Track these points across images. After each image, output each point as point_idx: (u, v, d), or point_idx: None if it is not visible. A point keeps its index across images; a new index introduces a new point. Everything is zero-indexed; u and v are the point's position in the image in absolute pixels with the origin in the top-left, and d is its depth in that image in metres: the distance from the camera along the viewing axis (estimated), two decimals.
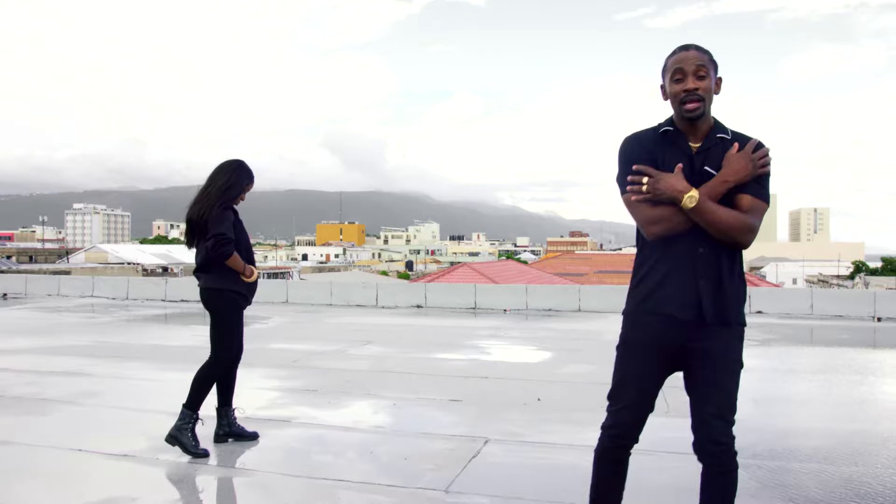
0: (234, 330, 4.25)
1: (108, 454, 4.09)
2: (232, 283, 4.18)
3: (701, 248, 2.35)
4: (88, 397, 5.65)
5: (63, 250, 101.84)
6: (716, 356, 2.36)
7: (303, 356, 7.63)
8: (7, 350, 8.25)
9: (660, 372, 2.48)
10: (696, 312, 2.34)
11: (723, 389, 2.37)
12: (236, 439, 4.32)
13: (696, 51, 2.37)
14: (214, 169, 4.33)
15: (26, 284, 17.34)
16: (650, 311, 2.41)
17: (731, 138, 2.41)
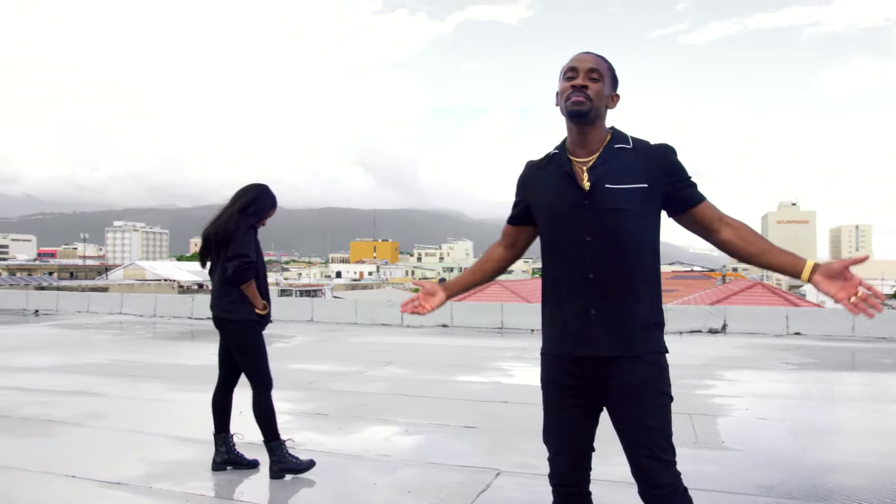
0: (264, 353, 4.08)
1: (101, 481, 3.91)
2: (248, 311, 4.00)
3: (591, 273, 2.13)
4: (94, 419, 5.50)
5: (103, 267, 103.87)
6: (634, 391, 2.12)
7: (319, 377, 7.43)
8: (24, 368, 8.20)
9: (582, 413, 2.23)
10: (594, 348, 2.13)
11: (650, 427, 2.13)
12: (235, 467, 4.11)
13: (595, 56, 2.22)
14: (239, 190, 4.20)
15: (58, 301, 17.49)
16: (548, 350, 2.26)
17: (633, 147, 2.20)
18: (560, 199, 2.18)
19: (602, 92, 2.18)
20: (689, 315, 12.65)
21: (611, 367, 2.12)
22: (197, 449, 4.54)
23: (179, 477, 4.01)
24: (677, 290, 48.72)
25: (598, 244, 2.12)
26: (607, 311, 2.13)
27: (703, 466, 4.30)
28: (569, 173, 2.18)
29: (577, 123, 2.18)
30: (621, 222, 2.12)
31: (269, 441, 3.99)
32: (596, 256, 2.12)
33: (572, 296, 2.17)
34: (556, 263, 2.22)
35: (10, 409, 5.83)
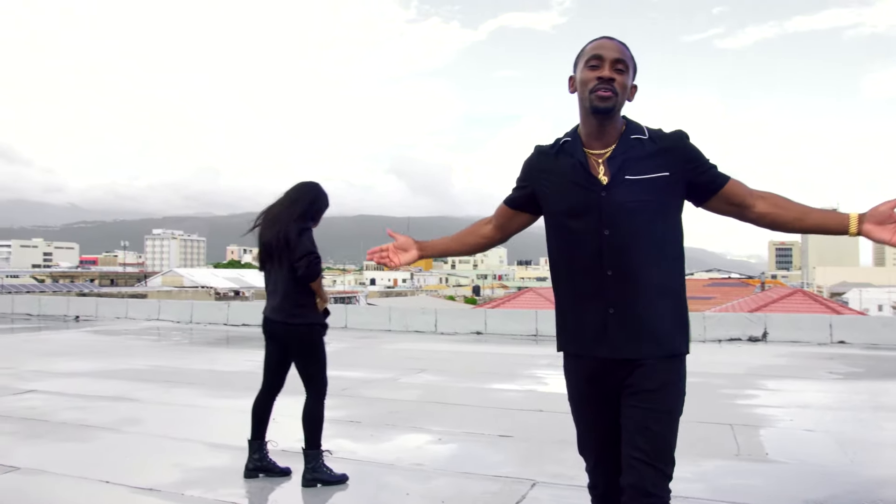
0: (325, 361, 4.05)
1: (134, 487, 3.90)
2: (314, 315, 3.95)
3: (610, 269, 2.04)
4: (129, 424, 5.53)
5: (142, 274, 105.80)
6: (648, 396, 2.04)
7: (353, 384, 7.39)
8: (64, 373, 8.30)
9: (612, 419, 2.14)
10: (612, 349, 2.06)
11: (656, 433, 2.02)
12: (267, 474, 4.07)
13: (619, 43, 2.10)
14: (294, 189, 4.11)
15: (97, 307, 17.78)
16: (570, 351, 2.20)
17: (648, 137, 2.11)
18: (576, 192, 2.09)
19: (626, 84, 2.10)
20: (727, 322, 12.37)
21: (629, 369, 2.06)
22: (230, 455, 4.52)
23: (212, 484, 3.98)
24: (715, 297, 47.96)
25: (617, 238, 2.03)
26: (627, 309, 2.05)
27: (747, 480, 4.15)
28: (584, 164, 2.09)
29: (598, 118, 2.08)
30: (641, 215, 2.04)
31: (310, 448, 3.95)
32: (615, 251, 2.04)
33: (590, 293, 2.08)
34: (572, 259, 2.12)
35: (48, 413, 5.89)
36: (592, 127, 2.11)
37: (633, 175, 2.04)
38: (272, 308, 4.02)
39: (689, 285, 11.76)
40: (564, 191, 2.12)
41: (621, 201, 2.03)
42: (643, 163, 2.06)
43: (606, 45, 2.09)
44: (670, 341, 2.07)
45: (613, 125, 2.11)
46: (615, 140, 2.10)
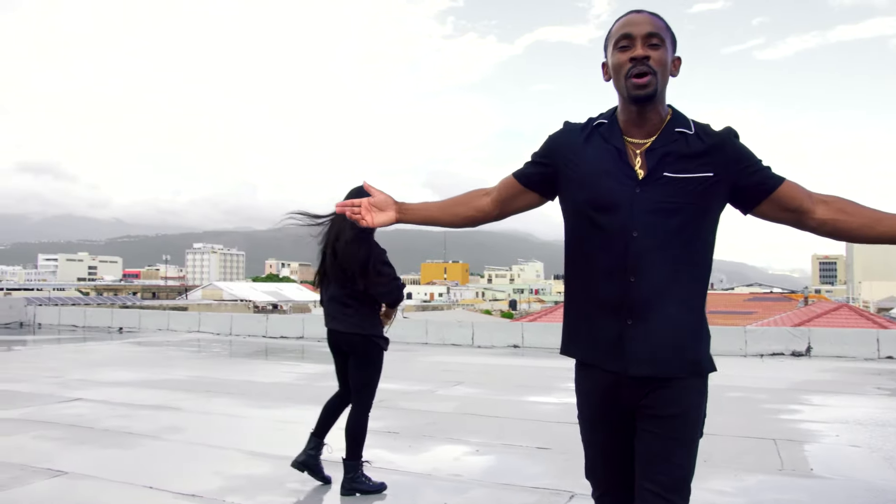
0: (379, 375, 4.08)
1: (177, 493, 3.97)
2: (379, 329, 4.02)
3: (633, 276, 1.81)
4: (171, 433, 5.63)
5: (183, 287, 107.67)
6: (670, 422, 1.82)
7: (390, 396, 7.42)
8: (109, 382, 8.48)
9: (626, 442, 1.91)
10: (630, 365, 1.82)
11: (672, 463, 1.81)
12: (310, 473, 4.09)
13: (649, 15, 1.83)
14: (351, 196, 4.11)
15: (140, 319, 18.13)
16: (581, 361, 1.96)
17: (695, 133, 1.86)
18: (608, 183, 1.84)
19: (665, 60, 1.83)
20: (769, 337, 12.14)
21: (648, 389, 1.84)
22: (270, 465, 4.57)
23: (252, 492, 4.03)
24: (756, 312, 47.09)
25: (647, 241, 1.80)
26: (650, 322, 1.81)
27: (791, 495, 4.07)
28: (621, 152, 1.85)
29: (639, 105, 1.84)
30: (676, 217, 1.80)
31: (350, 459, 3.98)
32: (642, 256, 1.80)
33: (609, 300, 1.84)
34: (593, 259, 1.87)
35: (93, 421, 6.03)
36: (632, 114, 1.86)
37: (673, 172, 1.80)
38: (336, 316, 4.02)
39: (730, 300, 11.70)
40: (594, 179, 1.86)
41: (657, 200, 1.79)
42: (685, 160, 1.82)
43: (635, 19, 1.83)
44: (696, 359, 1.86)
45: (656, 111, 1.86)
46: (657, 130, 1.86)
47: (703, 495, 4.01)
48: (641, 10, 1.86)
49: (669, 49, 1.85)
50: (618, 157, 1.85)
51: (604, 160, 1.86)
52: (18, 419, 6.05)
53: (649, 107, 1.84)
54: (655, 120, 1.86)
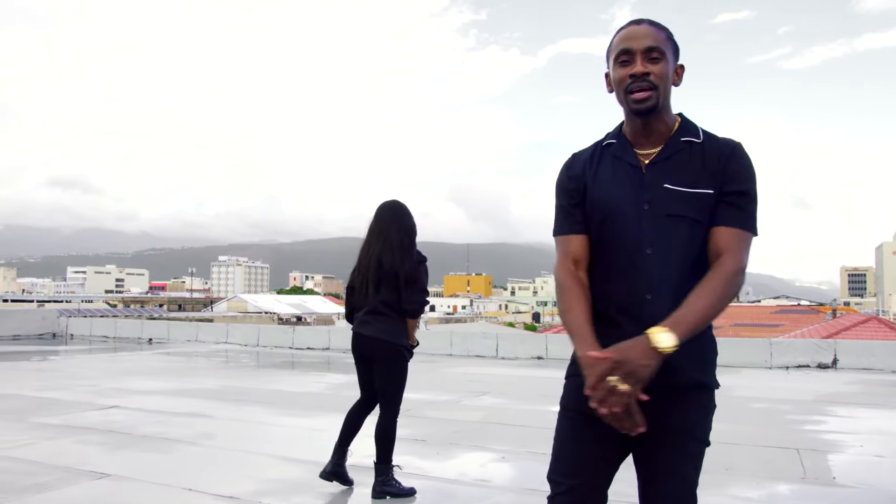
0: (405, 380, 4.20)
1: (215, 495, 4.13)
2: (405, 338, 4.14)
3: (649, 293, 1.78)
4: (206, 439, 5.81)
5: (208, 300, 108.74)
6: (668, 432, 1.78)
7: (416, 405, 7.56)
8: (143, 391, 8.71)
9: (605, 451, 1.85)
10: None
11: (682, 479, 1.80)
12: (338, 481, 4.25)
13: (649, 26, 1.83)
14: (393, 210, 4.25)
15: (169, 330, 18.46)
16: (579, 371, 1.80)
17: (703, 141, 1.84)
18: (619, 200, 1.83)
19: (666, 73, 1.81)
20: (795, 349, 12.10)
21: (659, 406, 1.74)
22: (302, 469, 4.72)
23: (287, 494, 4.19)
24: (783, 324, 46.60)
25: (660, 259, 1.78)
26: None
27: (813, 503, 4.14)
28: (633, 165, 1.83)
29: (643, 119, 1.83)
30: (686, 234, 1.78)
31: (381, 463, 4.10)
32: (656, 274, 1.78)
33: (625, 317, 1.81)
34: (609, 278, 1.86)
35: (131, 427, 6.23)
36: (637, 126, 1.85)
37: (674, 185, 1.79)
38: (364, 323, 4.16)
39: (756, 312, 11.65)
40: (611, 196, 1.84)
41: (663, 214, 1.78)
42: (689, 172, 1.80)
43: (634, 33, 1.82)
44: (706, 372, 1.85)
45: (662, 121, 1.84)
46: (664, 139, 1.84)
47: (726, 501, 4.10)
48: (641, 21, 1.85)
49: (671, 60, 1.84)
50: (630, 171, 1.84)
51: (616, 178, 1.85)
52: (59, 425, 6.28)
53: (653, 118, 1.83)
54: (662, 129, 1.85)
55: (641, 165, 1.83)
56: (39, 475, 4.51)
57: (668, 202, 1.78)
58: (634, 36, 1.81)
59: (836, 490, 4.40)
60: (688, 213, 1.78)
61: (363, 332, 4.14)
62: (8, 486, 4.27)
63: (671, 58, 1.84)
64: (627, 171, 1.84)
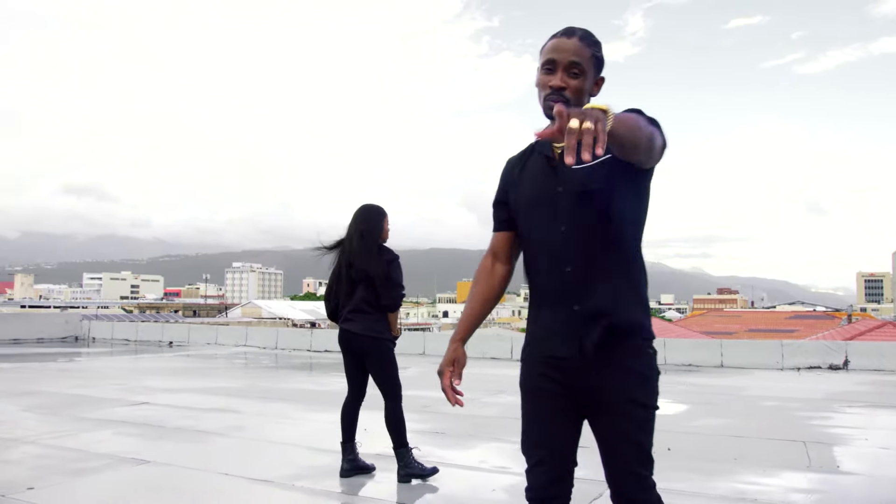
0: (396, 367, 4.48)
1: (250, 479, 4.41)
2: (386, 330, 4.41)
3: (568, 266, 1.94)
4: (236, 431, 6.09)
5: (223, 305, 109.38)
6: (620, 403, 1.93)
7: (434, 402, 7.81)
8: (170, 389, 9.02)
9: (566, 422, 2.01)
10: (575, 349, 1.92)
11: (634, 442, 1.93)
12: (359, 473, 4.50)
13: (578, 41, 1.96)
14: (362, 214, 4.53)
15: (189, 333, 18.82)
16: (532, 353, 2.05)
17: None
18: (538, 189, 2.02)
19: (583, 88, 1.98)
20: (806, 350, 12.26)
21: (595, 372, 1.92)
22: (330, 457, 4.97)
23: (318, 478, 4.45)
24: (798, 330, 46.35)
25: (574, 233, 1.94)
26: (589, 308, 1.92)
27: (816, 486, 4.36)
28: (549, 157, 2.01)
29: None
30: (595, 205, 1.92)
31: (399, 448, 4.36)
32: (572, 247, 1.94)
33: (551, 292, 1.99)
34: (535, 258, 2.04)
35: (164, 421, 6.52)
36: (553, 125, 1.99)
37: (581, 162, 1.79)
38: (349, 319, 4.47)
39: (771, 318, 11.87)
40: (531, 194, 2.05)
41: (574, 192, 1.94)
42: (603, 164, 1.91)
43: (562, 46, 1.96)
44: (638, 336, 1.96)
45: None
46: None
47: (733, 486, 4.32)
48: (573, 34, 1.97)
49: (591, 75, 1.98)
50: (546, 163, 2.01)
51: (536, 171, 2.05)
52: (95, 419, 6.58)
53: None
54: None
55: (555, 156, 1.99)
56: (84, 461, 4.80)
57: (578, 181, 1.92)
58: (562, 49, 1.95)
59: (839, 477, 4.61)
60: (595, 184, 1.90)
61: (350, 329, 4.44)
62: (57, 469, 4.56)
63: (592, 73, 1.99)
64: (544, 163, 2.01)
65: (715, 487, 4.30)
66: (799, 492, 4.24)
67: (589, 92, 2.01)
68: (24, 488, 4.07)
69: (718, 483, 4.40)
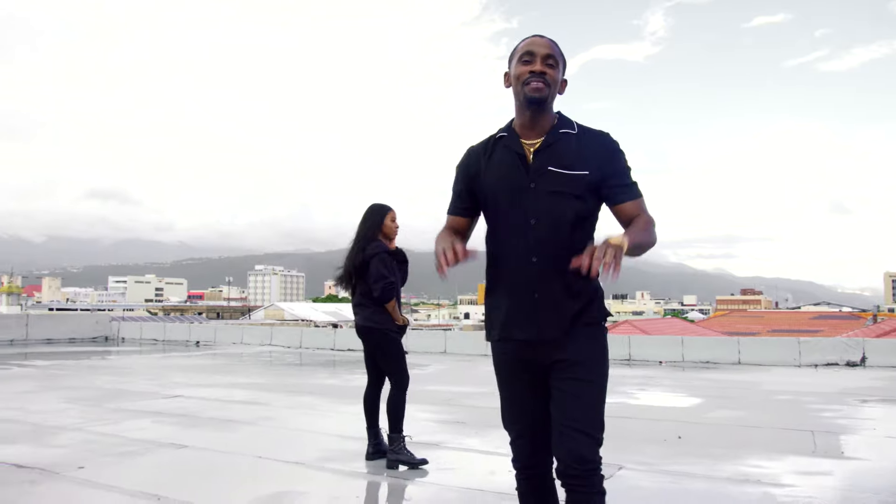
0: (403, 357, 4.75)
1: (283, 461, 4.71)
2: (390, 321, 4.69)
3: (534, 256, 2.15)
4: (267, 421, 6.41)
5: (245, 308, 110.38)
6: (571, 364, 2.14)
7: (456, 396, 8.08)
8: (201, 384, 9.38)
9: (539, 396, 2.24)
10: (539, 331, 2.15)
11: (583, 400, 2.12)
12: (383, 456, 4.78)
13: (549, 41, 2.23)
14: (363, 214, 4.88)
15: (215, 333, 19.25)
16: (497, 336, 2.27)
17: (578, 132, 2.23)
18: (508, 181, 2.20)
19: (557, 78, 2.21)
20: (823, 347, 12.37)
21: (555, 347, 2.15)
22: (358, 444, 5.25)
23: (346, 461, 4.74)
24: (822, 330, 45.90)
25: (542, 228, 2.14)
26: (550, 293, 2.14)
27: (819, 468, 4.58)
28: (520, 154, 2.21)
29: (532, 109, 2.20)
30: (564, 206, 2.14)
31: (392, 433, 4.61)
32: (539, 240, 2.13)
33: (517, 279, 2.18)
34: (501, 246, 2.22)
35: (197, 412, 6.86)
36: (526, 119, 2.22)
37: (556, 167, 2.16)
38: (357, 312, 4.81)
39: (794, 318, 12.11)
40: (499, 180, 2.22)
41: (547, 191, 2.15)
42: (567, 157, 2.17)
43: (537, 42, 2.21)
44: (592, 316, 2.18)
45: (546, 117, 2.22)
46: (546, 132, 2.22)
47: (739, 469, 4.55)
48: (543, 36, 2.25)
49: (561, 70, 2.23)
50: (517, 159, 2.21)
51: (505, 163, 2.23)
52: (134, 410, 6.93)
53: (539, 113, 2.20)
54: (545, 124, 2.23)
55: (527, 153, 2.21)
56: (127, 446, 5.14)
57: (551, 181, 2.16)
58: (538, 44, 2.21)
59: (842, 462, 4.81)
60: (567, 189, 2.15)
61: (356, 321, 4.80)
62: (103, 452, 4.89)
63: (561, 69, 2.24)
64: (514, 159, 2.21)
65: (722, 470, 4.53)
66: (801, 474, 4.45)
67: (558, 89, 2.23)
68: (75, 467, 4.41)
69: (725, 466, 4.63)
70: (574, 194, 2.15)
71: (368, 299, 4.70)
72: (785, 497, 3.88)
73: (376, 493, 4.16)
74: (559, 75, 2.22)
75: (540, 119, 2.21)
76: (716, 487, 4.13)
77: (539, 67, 2.16)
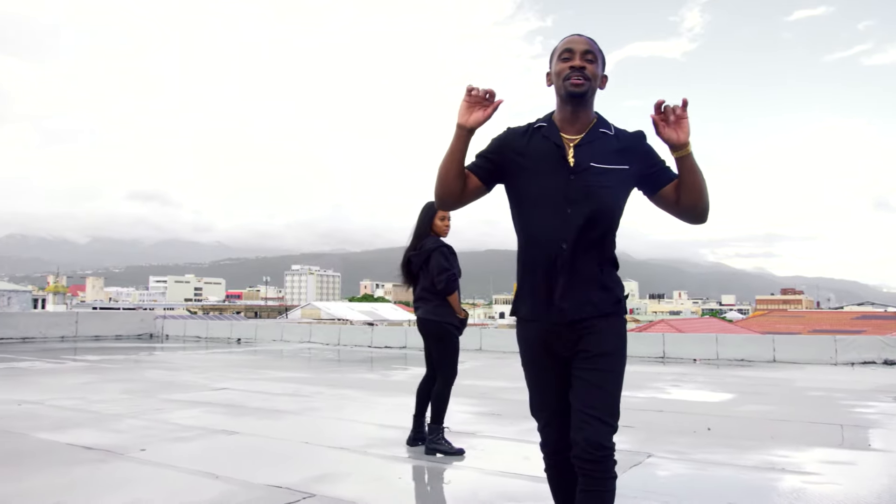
0: (456, 353, 4.95)
1: (328, 447, 5.00)
2: (450, 315, 4.88)
3: (565, 243, 2.25)
4: (310, 411, 6.71)
5: (283, 307, 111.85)
6: (595, 356, 2.24)
7: (491, 390, 8.31)
8: (245, 378, 9.76)
9: (564, 383, 2.34)
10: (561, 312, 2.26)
11: (604, 389, 2.23)
12: (423, 443, 5.03)
13: (587, 39, 2.32)
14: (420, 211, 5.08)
15: (256, 331, 19.74)
16: (524, 318, 2.38)
17: (614, 134, 2.34)
18: (548, 171, 2.27)
19: (597, 73, 2.30)
20: (860, 345, 12.32)
21: (580, 332, 2.24)
22: (399, 433, 5.52)
23: (388, 447, 5.01)
24: (865, 330, 45.00)
25: (578, 217, 2.22)
26: (579, 279, 2.24)
27: (844, 458, 4.72)
28: (559, 146, 2.29)
29: (573, 103, 2.29)
30: (601, 199, 2.24)
31: (433, 423, 4.83)
32: (573, 228, 2.22)
33: (547, 264, 2.26)
34: (536, 232, 2.30)
35: (244, 402, 7.20)
36: (567, 113, 2.31)
37: (597, 163, 2.26)
38: (418, 305, 5.00)
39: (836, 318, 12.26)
40: (539, 169, 2.29)
41: (586, 184, 2.24)
42: (607, 154, 2.28)
43: (576, 40, 2.31)
44: (616, 305, 2.30)
45: (586, 113, 2.32)
46: (586, 129, 2.32)
47: (765, 458, 4.71)
48: (581, 35, 2.34)
49: (600, 65, 2.33)
50: (556, 151, 2.29)
51: (545, 154, 2.30)
52: (185, 400, 7.29)
53: (581, 108, 2.30)
54: (585, 120, 2.32)
55: (566, 146, 2.29)
56: (182, 431, 5.48)
57: (591, 175, 2.26)
58: (577, 41, 2.31)
59: (868, 454, 4.94)
60: (606, 182, 2.27)
61: (418, 315, 4.97)
62: (160, 437, 5.24)
63: (601, 65, 2.33)
64: (553, 150, 2.29)
65: (749, 459, 4.69)
66: (826, 464, 4.60)
67: (598, 83, 2.33)
68: (137, 450, 4.75)
69: (752, 456, 4.80)
70: (611, 188, 2.26)
71: (429, 292, 4.88)
72: (807, 484, 4.04)
73: (417, 474, 4.41)
74: (599, 70, 2.31)
75: (581, 114, 2.30)
76: (741, 474, 4.30)
77: (578, 63, 2.25)
